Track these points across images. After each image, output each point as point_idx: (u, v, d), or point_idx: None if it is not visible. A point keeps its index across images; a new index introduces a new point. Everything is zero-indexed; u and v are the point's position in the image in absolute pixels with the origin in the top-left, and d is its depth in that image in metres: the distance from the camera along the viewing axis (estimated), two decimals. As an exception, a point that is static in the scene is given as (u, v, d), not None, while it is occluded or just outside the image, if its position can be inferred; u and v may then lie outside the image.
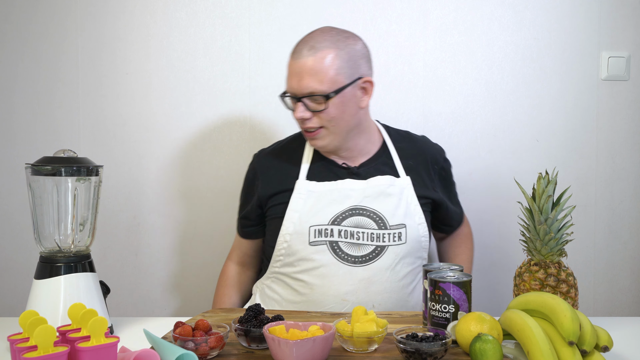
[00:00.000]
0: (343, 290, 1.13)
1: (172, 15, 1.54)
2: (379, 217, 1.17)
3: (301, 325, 0.87)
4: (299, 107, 1.14)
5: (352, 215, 1.16)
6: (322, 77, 1.12)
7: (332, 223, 1.16)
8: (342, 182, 1.20)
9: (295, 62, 1.14)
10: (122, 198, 1.56)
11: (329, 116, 1.14)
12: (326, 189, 1.18)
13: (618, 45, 1.55)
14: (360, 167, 1.22)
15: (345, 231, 1.15)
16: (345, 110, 1.15)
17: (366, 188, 1.19)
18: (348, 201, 1.17)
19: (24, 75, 1.54)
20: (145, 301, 1.58)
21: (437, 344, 0.82)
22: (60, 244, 1.03)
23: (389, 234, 1.16)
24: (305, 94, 1.13)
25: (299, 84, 1.13)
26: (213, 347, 0.85)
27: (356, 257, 1.14)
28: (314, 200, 1.18)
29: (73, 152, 1.04)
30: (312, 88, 1.12)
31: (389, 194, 1.19)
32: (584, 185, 1.57)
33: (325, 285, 1.13)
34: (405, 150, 1.27)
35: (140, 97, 1.55)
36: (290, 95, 1.16)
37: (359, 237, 1.15)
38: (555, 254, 1.02)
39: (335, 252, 1.15)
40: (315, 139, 1.17)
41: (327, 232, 1.15)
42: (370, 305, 1.14)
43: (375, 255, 1.15)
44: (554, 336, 0.81)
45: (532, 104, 1.57)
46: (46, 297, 0.97)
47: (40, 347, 0.73)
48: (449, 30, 1.56)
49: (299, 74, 1.13)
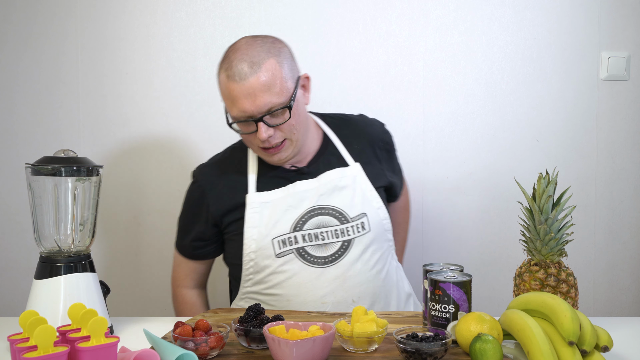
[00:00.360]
0: (320, 293, 1.12)
1: (172, 15, 1.55)
2: (339, 212, 1.15)
3: (301, 325, 0.87)
4: (262, 127, 1.07)
5: (312, 216, 1.14)
6: (276, 89, 1.07)
7: (294, 230, 1.13)
8: (292, 185, 1.16)
9: (240, 85, 1.06)
10: (122, 198, 1.56)
11: (290, 126, 1.11)
12: (279, 197, 1.15)
13: (618, 45, 1.56)
14: (310, 166, 1.19)
15: (309, 234, 1.13)
16: (300, 114, 1.13)
17: (319, 186, 1.16)
18: (304, 204, 1.15)
19: (25, 75, 1.54)
20: (145, 301, 1.58)
21: (437, 344, 0.82)
22: (60, 244, 1.03)
23: (352, 227, 1.15)
24: (264, 112, 1.07)
25: (255, 103, 1.06)
26: (213, 347, 0.85)
27: (325, 257, 1.13)
28: (270, 210, 1.14)
29: (73, 152, 1.04)
30: (272, 103, 1.07)
31: (342, 187, 1.17)
32: (584, 185, 1.58)
33: (302, 293, 1.12)
34: (348, 137, 1.24)
35: (140, 97, 1.55)
36: (245, 119, 1.08)
37: (323, 237, 1.13)
38: (555, 254, 1.01)
39: (304, 258, 1.13)
40: (280, 152, 1.13)
41: (291, 241, 1.13)
42: (350, 301, 1.13)
43: (343, 250, 1.14)
44: (554, 336, 0.81)
45: (532, 104, 1.57)
46: (46, 297, 0.97)
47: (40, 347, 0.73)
48: (449, 30, 1.56)
49: (251, 94, 1.06)
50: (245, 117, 1.08)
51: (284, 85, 1.08)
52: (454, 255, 1.57)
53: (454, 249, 1.58)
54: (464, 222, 1.58)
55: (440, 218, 1.58)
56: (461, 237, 1.58)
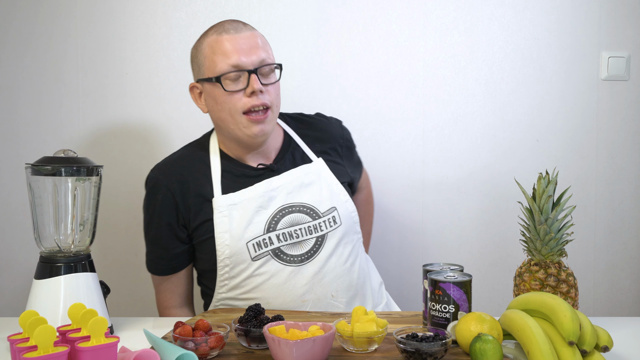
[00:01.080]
0: (299, 292, 1.11)
1: (172, 15, 1.54)
2: (310, 208, 1.14)
3: (301, 325, 0.87)
4: (254, 78, 1.05)
5: (284, 215, 1.12)
6: (267, 49, 1.09)
7: (268, 230, 1.10)
8: (259, 185, 1.13)
9: (236, 36, 1.06)
10: (122, 198, 1.56)
11: (276, 92, 1.11)
12: (247, 197, 1.11)
13: (618, 46, 1.55)
14: (277, 162, 1.17)
15: (283, 234, 1.11)
16: (279, 93, 1.13)
17: (285, 184, 1.14)
18: (274, 203, 1.12)
19: (25, 75, 1.54)
20: (145, 301, 1.57)
21: (437, 344, 0.82)
22: (60, 244, 1.03)
23: (324, 222, 1.13)
24: (257, 64, 1.06)
25: (249, 56, 1.05)
26: (213, 347, 0.84)
27: (301, 255, 1.12)
28: (239, 212, 1.10)
29: (73, 152, 1.04)
30: (265, 59, 1.07)
31: (308, 183, 1.16)
32: (584, 185, 1.57)
33: (281, 294, 1.10)
34: (309, 136, 1.23)
35: (140, 98, 1.55)
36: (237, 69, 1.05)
37: (297, 235, 1.11)
38: (555, 254, 1.02)
39: (280, 258, 1.11)
40: (264, 122, 1.09)
41: (266, 242, 1.10)
42: (329, 296, 1.13)
43: (318, 246, 1.13)
44: (554, 336, 0.81)
45: (532, 104, 1.57)
46: (46, 297, 0.97)
47: (40, 347, 0.73)
48: (449, 30, 1.55)
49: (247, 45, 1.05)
50: (238, 67, 1.05)
51: (270, 49, 1.11)
52: (454, 255, 1.57)
53: (454, 249, 1.58)
54: (464, 222, 1.57)
55: (440, 218, 1.57)
56: (461, 237, 1.58)
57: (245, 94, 1.06)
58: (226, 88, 1.06)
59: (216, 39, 1.07)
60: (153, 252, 1.20)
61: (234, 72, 1.06)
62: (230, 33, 1.06)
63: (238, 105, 1.07)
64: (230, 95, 1.07)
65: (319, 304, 1.13)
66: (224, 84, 1.07)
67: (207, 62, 1.08)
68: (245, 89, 1.06)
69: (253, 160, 1.17)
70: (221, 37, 1.07)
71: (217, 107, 1.10)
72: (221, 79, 1.07)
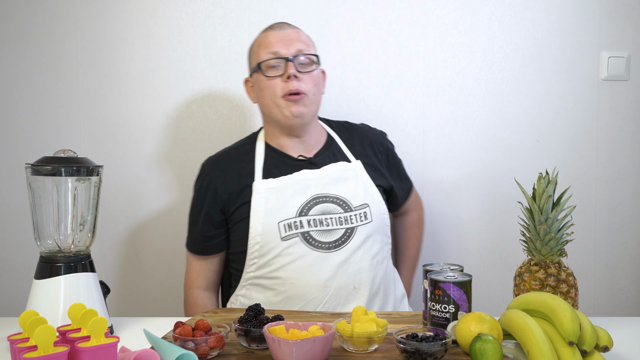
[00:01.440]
0: (323, 277, 1.14)
1: (172, 15, 1.54)
2: (342, 201, 1.19)
3: (301, 325, 0.87)
4: (290, 65, 1.18)
5: (317, 203, 1.18)
6: (308, 42, 1.23)
7: (300, 214, 1.16)
8: (298, 174, 1.21)
9: (279, 32, 1.20)
10: (122, 198, 1.56)
11: (313, 82, 1.21)
12: (284, 183, 1.19)
13: (618, 45, 1.55)
14: (316, 157, 1.25)
15: (314, 220, 1.16)
16: (319, 84, 1.24)
17: (323, 176, 1.21)
18: (309, 191, 1.19)
19: (25, 75, 1.54)
20: (145, 301, 1.57)
21: (437, 344, 0.81)
22: (60, 244, 1.03)
23: (355, 215, 1.19)
24: (295, 53, 1.19)
25: (290, 45, 1.19)
26: (213, 347, 0.84)
27: (330, 243, 1.16)
28: (275, 196, 1.18)
29: (73, 152, 1.03)
30: (303, 49, 1.20)
31: (345, 178, 1.23)
32: (584, 185, 1.57)
33: (306, 276, 1.13)
34: (350, 139, 1.31)
35: (140, 97, 1.55)
36: (276, 57, 1.19)
37: (328, 224, 1.16)
38: (555, 254, 1.01)
39: (309, 242, 1.15)
40: (298, 103, 1.19)
41: (296, 225, 1.16)
42: (352, 287, 1.15)
43: (347, 237, 1.17)
44: (554, 336, 0.81)
45: (532, 104, 1.56)
46: (46, 297, 0.97)
47: (40, 347, 0.73)
48: (449, 30, 1.55)
49: (287, 38, 1.19)
50: (276, 54, 1.19)
51: (313, 48, 1.24)
52: (454, 255, 1.56)
53: (454, 248, 1.57)
54: (464, 222, 1.57)
55: (440, 218, 1.57)
56: (461, 237, 1.57)
57: (282, 79, 1.18)
58: (266, 74, 1.19)
59: (263, 35, 1.23)
60: (191, 231, 1.28)
61: (273, 59, 1.19)
62: (275, 29, 1.22)
63: (277, 89, 1.19)
64: (270, 80, 1.19)
65: (340, 292, 1.15)
66: (264, 70, 1.20)
67: (254, 55, 1.24)
68: (283, 75, 1.18)
69: (294, 152, 1.25)
70: (267, 33, 1.23)
71: (261, 94, 1.22)
72: (262, 65, 1.20)
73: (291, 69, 1.17)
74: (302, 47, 1.20)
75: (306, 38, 1.24)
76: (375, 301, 1.19)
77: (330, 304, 1.14)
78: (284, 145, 1.25)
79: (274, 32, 1.21)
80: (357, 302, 1.16)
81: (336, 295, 1.14)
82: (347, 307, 1.15)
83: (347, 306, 1.15)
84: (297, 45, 1.20)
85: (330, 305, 1.14)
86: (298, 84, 1.18)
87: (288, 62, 1.18)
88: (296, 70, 1.18)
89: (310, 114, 1.22)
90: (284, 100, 1.19)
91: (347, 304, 1.15)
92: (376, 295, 1.19)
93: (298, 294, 1.14)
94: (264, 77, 1.20)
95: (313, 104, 1.22)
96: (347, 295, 1.15)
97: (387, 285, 1.23)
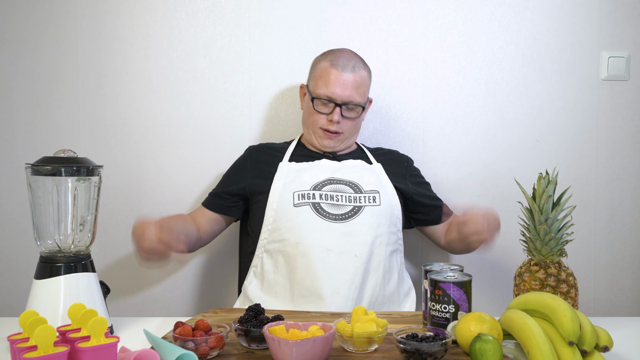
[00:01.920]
0: (327, 241, 1.21)
1: (172, 15, 1.54)
2: (354, 184, 1.30)
3: (301, 325, 0.86)
4: (337, 111, 1.31)
5: (330, 183, 1.30)
6: (362, 91, 1.34)
7: (314, 189, 1.28)
8: (319, 161, 1.36)
9: (340, 74, 1.31)
10: (122, 198, 1.56)
11: (353, 124, 1.35)
12: (305, 167, 1.34)
13: (618, 45, 1.55)
14: (340, 156, 1.39)
15: (326, 194, 1.27)
16: (358, 124, 1.38)
17: (340, 167, 1.35)
18: (325, 173, 1.32)
19: (24, 75, 1.54)
20: (145, 301, 1.57)
21: (437, 344, 0.81)
22: (60, 244, 1.03)
23: (364, 197, 1.28)
24: (346, 101, 1.31)
25: (344, 93, 1.31)
26: (213, 347, 0.84)
27: (336, 214, 1.25)
28: (295, 174, 1.32)
29: (73, 152, 1.03)
30: (354, 99, 1.32)
31: (361, 169, 1.35)
32: (584, 185, 1.57)
33: (310, 237, 1.21)
34: (377, 154, 1.44)
35: (140, 97, 1.55)
36: (329, 100, 1.31)
37: (338, 199, 1.27)
38: (555, 254, 1.01)
39: (317, 211, 1.25)
40: (333, 140, 1.35)
41: (309, 196, 1.27)
42: (353, 255, 1.21)
43: (354, 213, 1.26)
44: (554, 336, 0.81)
45: (532, 104, 1.56)
46: (46, 297, 0.97)
47: (40, 347, 0.72)
48: (449, 30, 1.55)
49: (344, 84, 1.31)
50: (330, 98, 1.31)
51: (366, 93, 1.36)
52: (454, 255, 1.56)
53: None
54: None
55: (440, 218, 1.56)
56: (461, 237, 1.57)
57: (327, 118, 1.33)
58: (316, 108, 1.34)
59: (326, 68, 1.33)
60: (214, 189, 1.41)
61: (325, 99, 1.32)
62: (338, 69, 1.32)
63: (319, 121, 1.34)
64: (317, 114, 1.34)
65: (341, 257, 1.21)
66: (315, 104, 1.34)
67: (315, 80, 1.35)
68: (329, 114, 1.33)
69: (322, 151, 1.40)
70: (331, 68, 1.33)
71: (306, 114, 1.38)
72: (314, 99, 1.34)
73: (336, 115, 1.31)
74: (354, 95, 1.31)
75: (362, 82, 1.34)
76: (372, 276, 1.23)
77: (330, 265, 1.20)
78: (315, 146, 1.39)
79: (336, 72, 1.31)
80: (356, 269, 1.20)
81: (337, 259, 1.20)
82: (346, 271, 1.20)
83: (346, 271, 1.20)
84: (351, 93, 1.31)
85: (331, 267, 1.19)
86: (338, 127, 1.33)
87: (336, 107, 1.31)
88: (340, 116, 1.32)
89: (342, 147, 1.38)
90: (322, 132, 1.34)
91: (347, 269, 1.20)
92: (374, 272, 1.23)
93: (302, 252, 1.21)
94: (312, 108, 1.34)
95: (348, 139, 1.37)
96: (348, 262, 1.21)
97: (389, 270, 1.26)
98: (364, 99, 1.35)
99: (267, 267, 1.26)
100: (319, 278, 1.18)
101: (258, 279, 1.27)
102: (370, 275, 1.22)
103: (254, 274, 1.29)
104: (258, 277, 1.28)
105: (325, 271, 1.19)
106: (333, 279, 1.18)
